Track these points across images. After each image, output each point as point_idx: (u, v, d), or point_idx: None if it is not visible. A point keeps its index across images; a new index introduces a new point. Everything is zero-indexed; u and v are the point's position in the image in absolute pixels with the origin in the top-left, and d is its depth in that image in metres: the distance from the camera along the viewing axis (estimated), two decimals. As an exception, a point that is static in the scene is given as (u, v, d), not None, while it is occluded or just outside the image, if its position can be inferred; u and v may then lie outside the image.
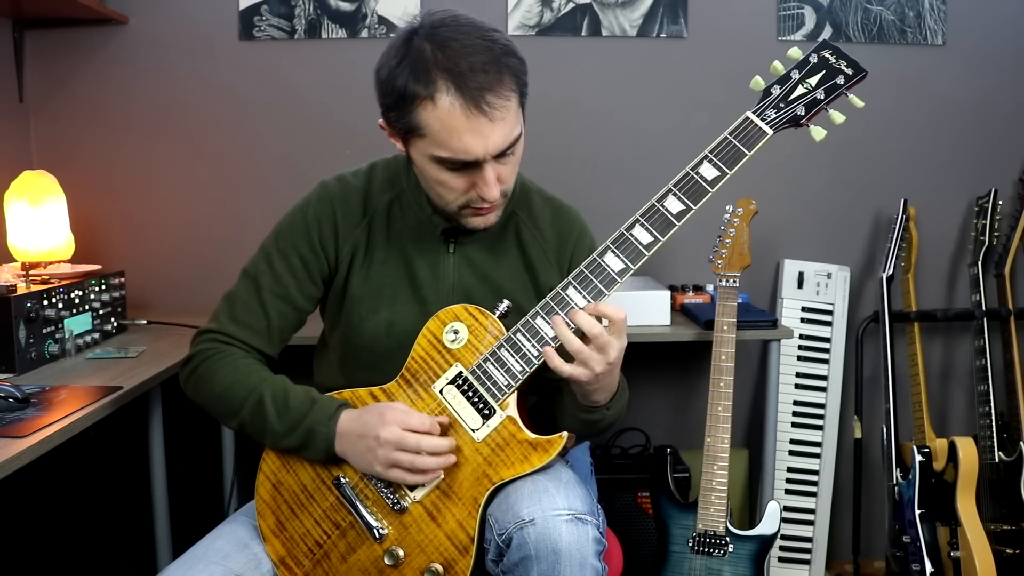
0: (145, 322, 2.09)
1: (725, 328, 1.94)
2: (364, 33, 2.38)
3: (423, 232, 1.37)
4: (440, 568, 1.20)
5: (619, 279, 1.22)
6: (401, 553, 1.22)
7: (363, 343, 1.36)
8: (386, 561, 1.22)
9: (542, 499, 1.16)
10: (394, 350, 1.31)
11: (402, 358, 1.29)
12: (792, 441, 2.42)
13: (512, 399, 1.23)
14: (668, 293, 2.12)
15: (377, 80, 1.23)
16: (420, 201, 1.36)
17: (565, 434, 1.22)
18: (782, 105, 1.27)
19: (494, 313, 1.27)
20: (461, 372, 1.25)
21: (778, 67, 1.29)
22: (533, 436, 1.22)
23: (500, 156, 1.21)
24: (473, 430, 1.23)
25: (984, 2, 2.45)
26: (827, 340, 2.44)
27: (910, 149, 2.48)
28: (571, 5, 2.40)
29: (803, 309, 2.45)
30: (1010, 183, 2.47)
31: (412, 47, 1.18)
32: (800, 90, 1.27)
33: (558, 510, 1.15)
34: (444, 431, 1.23)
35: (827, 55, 1.29)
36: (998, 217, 2.36)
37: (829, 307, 2.45)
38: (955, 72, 2.46)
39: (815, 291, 2.45)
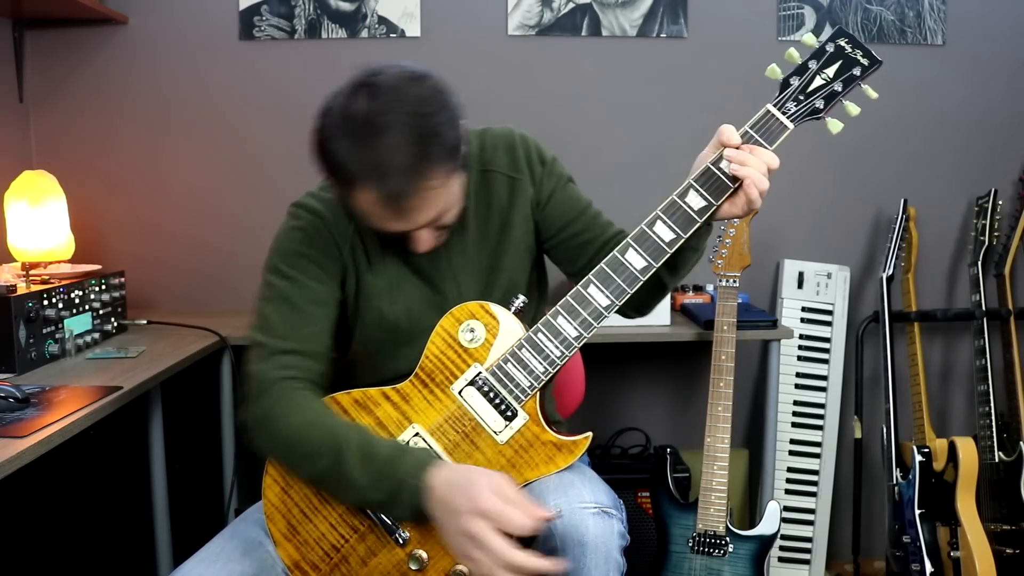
0: (145, 322, 2.09)
1: (725, 328, 1.94)
2: (364, 33, 2.38)
3: None
4: (465, 570, 1.17)
5: (641, 276, 1.21)
6: (425, 556, 1.19)
7: (385, 335, 1.34)
8: (411, 565, 1.20)
9: (568, 492, 1.15)
10: (415, 335, 1.29)
11: (422, 343, 1.27)
12: (792, 441, 2.42)
13: (535, 399, 1.22)
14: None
15: (313, 135, 1.19)
16: None
17: (590, 435, 1.22)
18: (801, 97, 1.23)
19: (509, 309, 1.25)
20: (480, 373, 1.23)
21: (794, 55, 1.25)
22: (558, 437, 1.21)
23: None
24: (496, 432, 1.21)
25: (984, 2, 2.45)
26: (827, 340, 2.44)
27: (910, 149, 2.48)
28: (571, 5, 2.39)
29: (803, 309, 2.45)
30: (1010, 183, 2.47)
31: (343, 131, 1.15)
32: (818, 81, 1.24)
33: (585, 503, 1.14)
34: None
35: (843, 43, 1.25)
36: (998, 217, 2.36)
37: (829, 307, 2.45)
38: (955, 72, 2.46)
39: (815, 291, 2.45)
